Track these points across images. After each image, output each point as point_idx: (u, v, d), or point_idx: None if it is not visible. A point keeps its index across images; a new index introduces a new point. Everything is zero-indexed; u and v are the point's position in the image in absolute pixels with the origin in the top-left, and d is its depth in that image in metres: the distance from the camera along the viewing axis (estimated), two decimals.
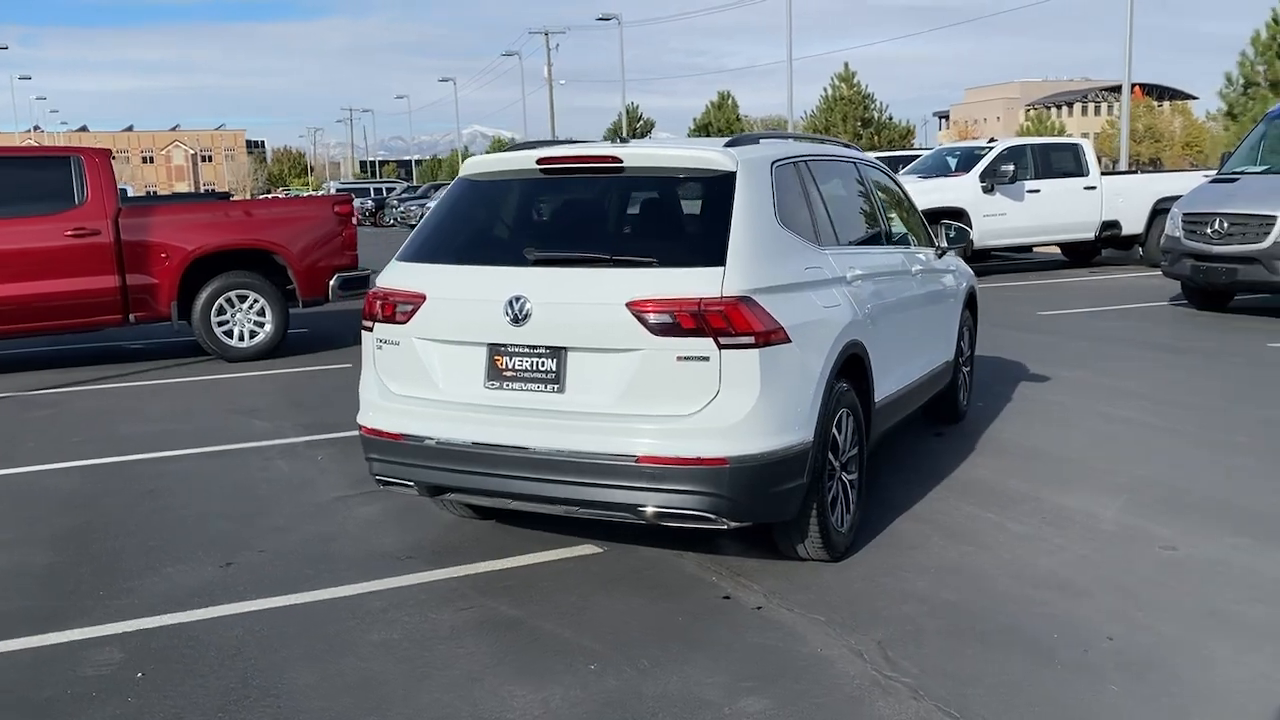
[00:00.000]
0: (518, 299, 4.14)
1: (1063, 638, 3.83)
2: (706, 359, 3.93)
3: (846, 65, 35.61)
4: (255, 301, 10.46)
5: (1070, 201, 16.68)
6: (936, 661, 3.66)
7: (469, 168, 4.80)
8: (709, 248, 4.08)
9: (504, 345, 4.23)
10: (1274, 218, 11.17)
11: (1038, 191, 16.23)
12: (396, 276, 4.54)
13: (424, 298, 4.37)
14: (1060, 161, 16.75)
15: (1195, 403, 7.62)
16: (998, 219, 16.10)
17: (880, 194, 5.91)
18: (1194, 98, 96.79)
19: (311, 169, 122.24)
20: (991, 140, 17.58)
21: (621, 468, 3.99)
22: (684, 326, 3.93)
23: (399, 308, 4.44)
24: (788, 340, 4.06)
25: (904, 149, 33.10)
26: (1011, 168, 15.88)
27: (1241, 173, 12.50)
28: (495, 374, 4.26)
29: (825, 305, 4.46)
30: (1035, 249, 19.07)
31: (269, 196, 35.48)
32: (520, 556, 4.78)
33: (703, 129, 41.31)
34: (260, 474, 6.37)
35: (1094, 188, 16.96)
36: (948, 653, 3.74)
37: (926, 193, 15.57)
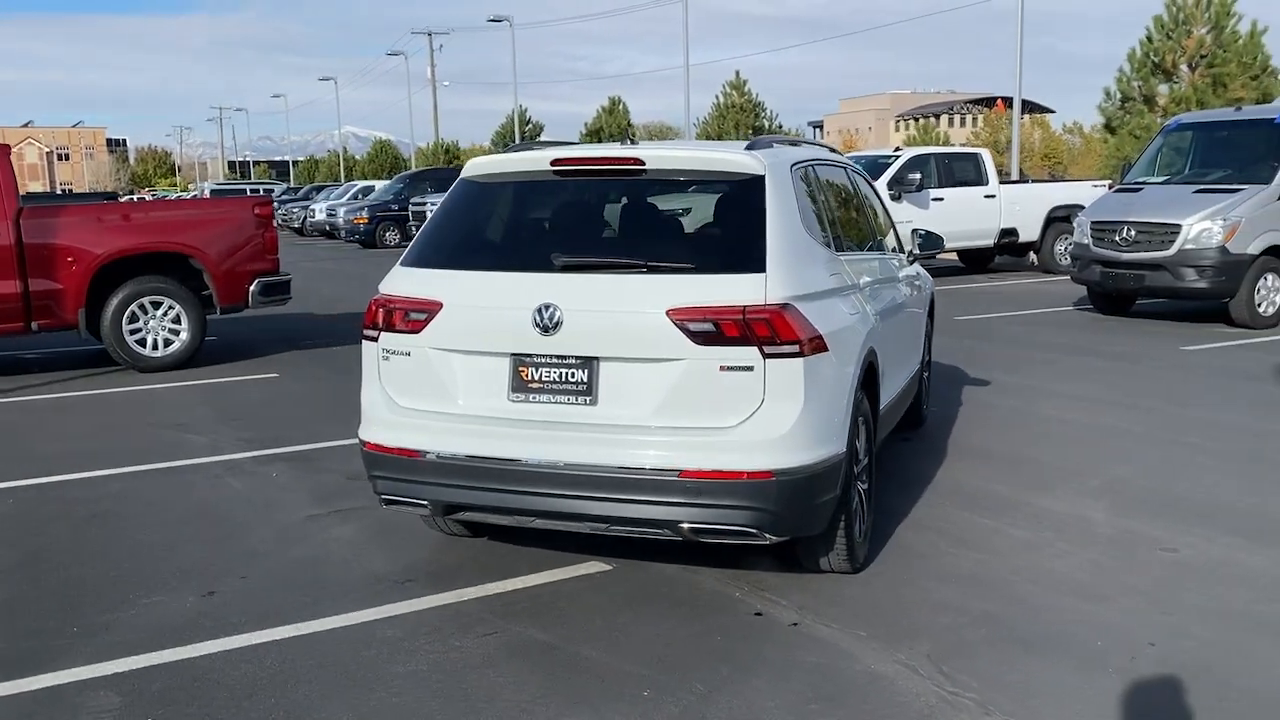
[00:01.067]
0: (546, 307, 3.94)
1: (1106, 644, 3.83)
2: (750, 369, 3.81)
3: (738, 73, 36.04)
4: (170, 308, 9.87)
5: (972, 209, 17.14)
6: (993, 673, 3.62)
7: (472, 169, 4.56)
8: (747, 253, 3.95)
9: (530, 355, 4.02)
10: (1179, 226, 11.66)
11: (942, 200, 16.64)
12: (405, 283, 4.28)
13: (440, 305, 4.12)
14: (962, 171, 17.23)
15: (1136, 405, 7.85)
16: (904, 226, 16.41)
17: (867, 199, 5.89)
18: (1051, 111, 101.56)
19: (179, 168, 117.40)
20: (897, 149, 17.99)
21: (662, 482, 3.83)
22: (727, 335, 3.80)
23: (410, 316, 4.18)
24: (825, 349, 3.97)
25: None
26: (918, 176, 16.24)
27: (1144, 183, 13.04)
28: (520, 385, 4.04)
29: (850, 312, 4.40)
30: (936, 255, 19.55)
31: (135, 199, 33.55)
32: (527, 576, 4.56)
33: (594, 134, 41.20)
34: (214, 494, 5.96)
35: (993, 196, 17.49)
36: (1000, 664, 3.70)
37: None
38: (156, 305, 9.83)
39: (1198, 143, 13.23)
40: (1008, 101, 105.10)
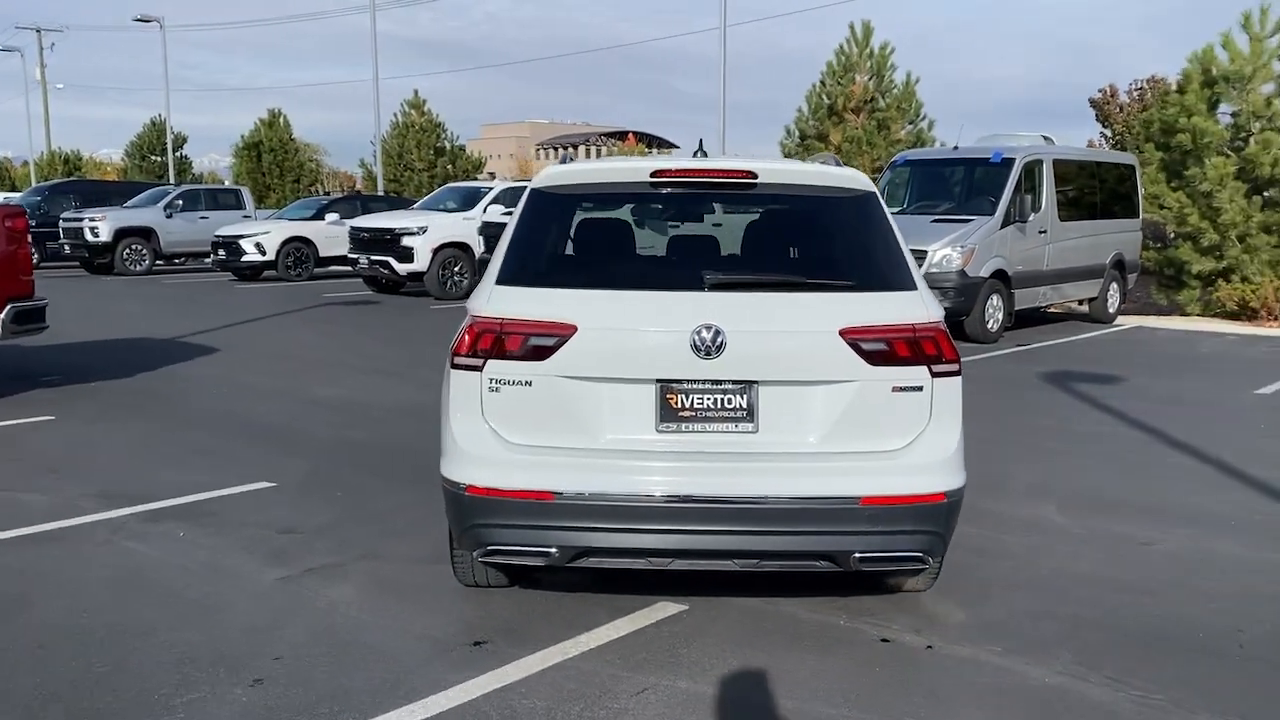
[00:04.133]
0: (708, 328, 3.64)
1: (1207, 635, 4.14)
2: (920, 389, 3.74)
3: (416, 92, 35.09)
4: None
5: None
6: (1151, 674, 3.79)
7: (549, 180, 4.10)
8: (893, 271, 3.89)
9: (680, 381, 3.69)
10: (925, 252, 12.83)
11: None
12: (520, 304, 3.76)
13: (573, 329, 3.67)
14: None
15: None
16: None
17: None
18: (676, 146, 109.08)
19: None
20: None
21: (840, 511, 3.65)
22: (899, 355, 3.71)
23: (532, 341, 3.69)
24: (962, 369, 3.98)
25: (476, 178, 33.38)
26: None
27: None
28: (670, 415, 3.70)
29: None
30: None
31: None
32: (611, 625, 4.19)
33: (252, 147, 38.33)
34: (126, 561, 4.93)
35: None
36: (1145, 663, 3.88)
37: None
38: None
39: (920, 177, 14.70)
40: (638, 136, 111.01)
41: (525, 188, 16.82)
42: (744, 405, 3.71)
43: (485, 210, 18.05)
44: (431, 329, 14.30)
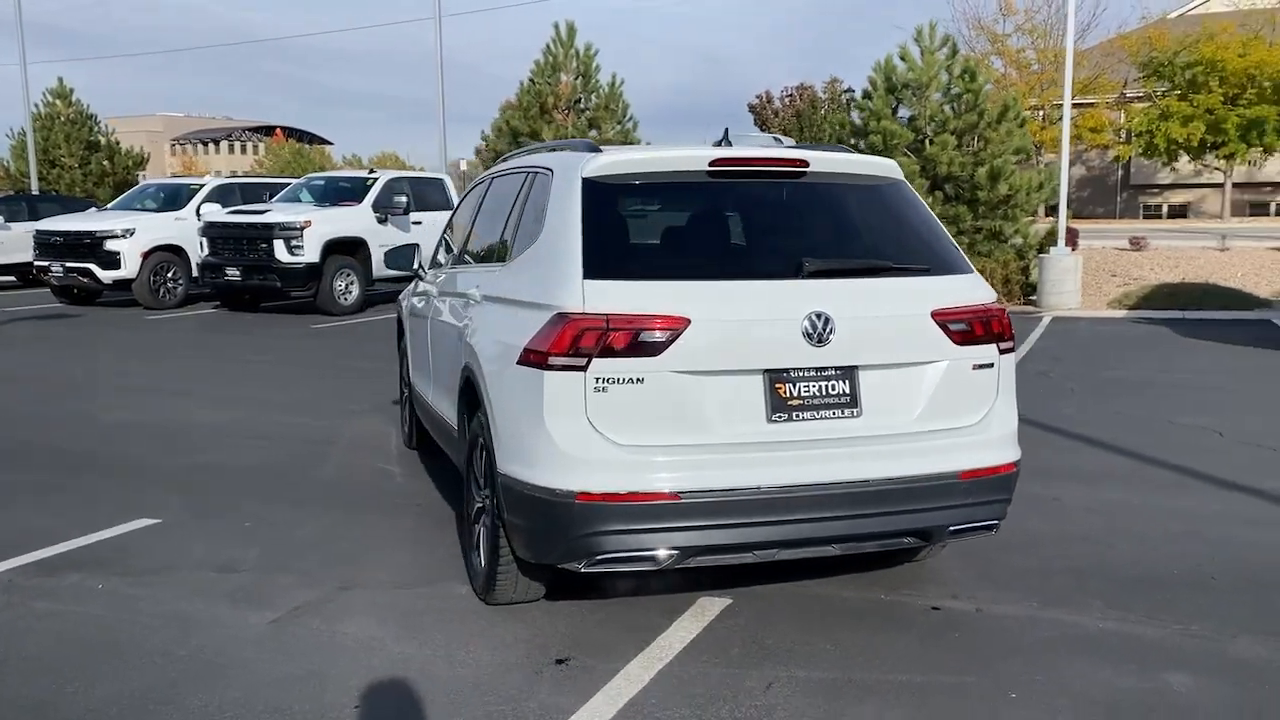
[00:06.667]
0: (819, 315, 3.63)
1: (1180, 572, 4.68)
2: (991, 366, 3.95)
3: (61, 80, 31.00)
4: None
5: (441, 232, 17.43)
6: (1172, 610, 4.23)
7: (601, 170, 3.84)
8: (951, 255, 4.06)
9: (788, 370, 3.65)
10: None
11: (420, 223, 16.67)
12: (627, 298, 3.53)
13: (687, 322, 3.52)
14: (430, 194, 17.39)
15: None
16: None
17: None
18: (330, 143, 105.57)
19: None
20: (372, 172, 17.55)
21: (942, 487, 3.78)
22: (976, 334, 3.89)
23: (643, 336, 3.49)
24: None
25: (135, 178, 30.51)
26: (405, 199, 16.12)
27: None
28: (780, 405, 3.65)
29: None
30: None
31: None
32: (677, 625, 4.10)
33: None
34: (58, 626, 4.14)
35: None
36: (1159, 602, 4.31)
37: (328, 221, 15.19)
38: None
39: None
40: (286, 131, 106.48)
41: (238, 184, 15.70)
42: (846, 390, 3.74)
43: (199, 209, 16.57)
44: (172, 341, 13.00)
